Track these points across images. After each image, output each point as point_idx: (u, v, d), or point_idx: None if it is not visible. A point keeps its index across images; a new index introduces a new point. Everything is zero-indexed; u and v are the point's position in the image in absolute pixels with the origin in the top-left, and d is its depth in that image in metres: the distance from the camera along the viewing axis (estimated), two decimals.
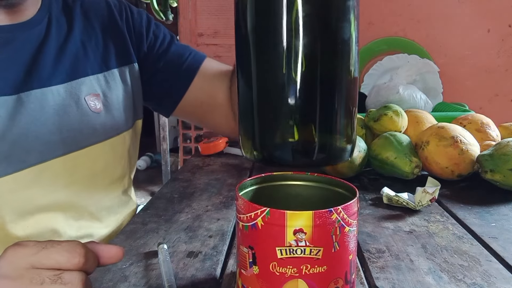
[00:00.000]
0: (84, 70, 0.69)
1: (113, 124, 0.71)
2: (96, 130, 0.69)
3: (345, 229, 0.36)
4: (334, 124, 0.37)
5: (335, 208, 0.35)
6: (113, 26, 0.75)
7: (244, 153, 0.39)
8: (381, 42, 1.71)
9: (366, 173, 0.88)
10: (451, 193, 0.77)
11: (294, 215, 0.35)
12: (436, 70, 1.55)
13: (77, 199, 0.67)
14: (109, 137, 0.71)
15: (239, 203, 0.38)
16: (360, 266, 0.52)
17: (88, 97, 0.68)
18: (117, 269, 0.51)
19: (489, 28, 1.63)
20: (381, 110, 0.92)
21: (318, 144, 0.36)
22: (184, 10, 1.74)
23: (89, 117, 0.68)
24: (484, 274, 0.49)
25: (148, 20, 0.81)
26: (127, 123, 0.75)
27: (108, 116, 0.71)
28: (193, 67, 0.79)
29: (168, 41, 0.80)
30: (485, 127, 0.89)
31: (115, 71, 0.74)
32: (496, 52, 1.64)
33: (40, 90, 0.63)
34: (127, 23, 0.77)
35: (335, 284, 0.37)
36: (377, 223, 0.64)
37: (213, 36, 1.73)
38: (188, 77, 0.79)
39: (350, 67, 0.36)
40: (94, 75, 0.70)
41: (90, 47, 0.71)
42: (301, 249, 0.35)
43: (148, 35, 0.79)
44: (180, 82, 0.79)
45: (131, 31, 0.77)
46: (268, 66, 0.36)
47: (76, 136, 0.66)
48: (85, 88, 0.68)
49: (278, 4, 0.34)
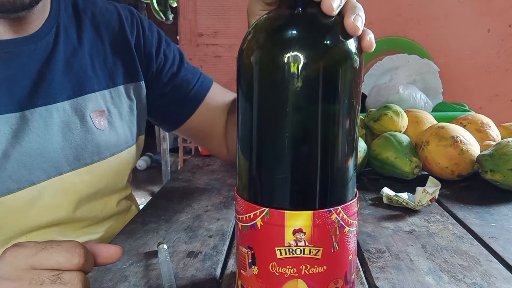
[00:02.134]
0: (91, 86, 0.67)
1: (117, 141, 0.70)
2: (100, 147, 0.67)
3: (344, 229, 0.36)
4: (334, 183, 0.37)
5: (335, 208, 0.35)
6: (122, 41, 0.73)
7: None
8: (381, 42, 1.71)
9: (366, 173, 0.88)
10: (451, 193, 0.77)
11: (294, 215, 0.35)
12: (436, 70, 1.54)
13: (79, 215, 0.66)
14: (113, 154, 0.70)
15: (238, 204, 0.38)
16: (360, 266, 0.52)
17: (93, 114, 0.67)
18: (117, 269, 0.50)
19: (489, 28, 1.63)
20: (381, 110, 0.92)
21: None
22: (184, 10, 1.74)
23: (94, 134, 0.66)
24: (484, 274, 0.49)
25: (159, 38, 0.78)
26: (131, 140, 0.74)
27: (112, 133, 0.69)
28: (199, 95, 0.79)
29: (177, 64, 0.79)
30: (485, 127, 0.89)
31: (121, 88, 0.72)
32: (496, 52, 1.64)
33: (45, 108, 0.61)
34: (137, 40, 0.75)
35: (335, 284, 0.37)
36: (377, 223, 0.64)
37: (213, 36, 1.73)
38: (193, 106, 0.79)
39: (350, 145, 0.37)
40: (101, 91, 0.69)
41: (98, 61, 0.69)
42: (300, 249, 0.35)
43: (158, 55, 0.77)
44: (185, 109, 0.79)
45: (141, 49, 0.75)
46: (267, 136, 0.36)
47: (80, 154, 0.65)
48: (90, 104, 0.67)
49: (279, 83, 0.34)
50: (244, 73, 0.37)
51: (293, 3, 0.36)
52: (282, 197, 0.36)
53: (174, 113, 0.80)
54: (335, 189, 0.36)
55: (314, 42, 0.34)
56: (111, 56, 0.71)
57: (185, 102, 0.79)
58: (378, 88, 1.42)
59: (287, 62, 0.34)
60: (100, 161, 0.67)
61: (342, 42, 0.35)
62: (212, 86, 0.82)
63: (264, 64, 0.35)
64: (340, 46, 0.35)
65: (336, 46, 0.35)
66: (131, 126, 0.74)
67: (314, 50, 0.34)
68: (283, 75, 0.34)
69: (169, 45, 0.80)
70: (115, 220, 0.73)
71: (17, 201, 0.59)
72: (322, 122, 0.35)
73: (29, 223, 0.61)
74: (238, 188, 0.39)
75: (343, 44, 0.35)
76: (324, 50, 0.35)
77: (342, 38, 0.35)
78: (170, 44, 0.80)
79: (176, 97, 0.79)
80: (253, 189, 0.37)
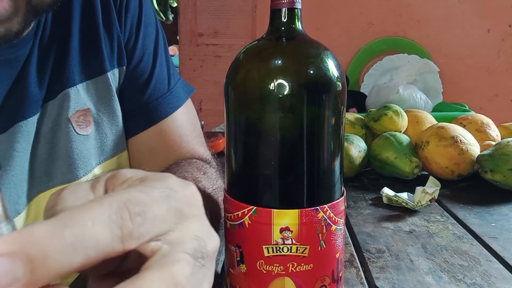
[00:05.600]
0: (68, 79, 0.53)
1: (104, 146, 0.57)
2: (84, 156, 0.53)
3: (331, 228, 0.36)
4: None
5: (322, 206, 0.36)
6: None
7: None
8: (381, 42, 1.71)
9: (366, 173, 0.88)
10: (451, 193, 0.77)
11: (281, 214, 0.35)
12: (436, 70, 1.55)
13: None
14: (103, 161, 0.57)
15: (226, 202, 0.39)
16: (360, 266, 0.52)
17: (73, 116, 0.52)
18: None
19: (489, 28, 1.63)
20: (381, 110, 0.92)
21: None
22: (184, 10, 1.74)
23: (76, 142, 0.53)
24: (484, 274, 0.49)
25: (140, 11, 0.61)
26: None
27: (99, 136, 0.56)
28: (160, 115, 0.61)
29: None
30: (485, 127, 0.89)
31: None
32: (496, 52, 1.65)
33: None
34: (119, 15, 0.58)
35: (322, 282, 0.37)
36: (377, 223, 0.64)
37: (213, 36, 1.73)
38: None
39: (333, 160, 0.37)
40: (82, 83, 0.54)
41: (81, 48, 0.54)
42: (287, 247, 0.35)
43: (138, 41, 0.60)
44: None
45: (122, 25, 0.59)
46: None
47: (62, 166, 0.52)
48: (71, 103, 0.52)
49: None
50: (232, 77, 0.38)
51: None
52: (269, 195, 0.36)
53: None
54: (321, 188, 0.37)
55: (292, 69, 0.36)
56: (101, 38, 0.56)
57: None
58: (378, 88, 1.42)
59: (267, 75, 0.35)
60: (87, 173, 0.55)
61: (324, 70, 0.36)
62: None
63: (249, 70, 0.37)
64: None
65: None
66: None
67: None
68: (269, 84, 0.35)
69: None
70: None
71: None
72: (307, 123, 0.35)
73: None
74: (227, 187, 0.39)
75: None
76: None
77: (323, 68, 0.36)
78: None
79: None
80: (241, 188, 0.38)
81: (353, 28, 1.71)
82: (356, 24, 1.71)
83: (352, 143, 0.83)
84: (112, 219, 0.18)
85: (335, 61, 0.36)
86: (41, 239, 0.17)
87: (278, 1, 0.36)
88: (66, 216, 0.18)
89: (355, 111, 1.37)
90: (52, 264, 0.17)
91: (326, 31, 1.69)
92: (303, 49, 0.37)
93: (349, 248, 0.56)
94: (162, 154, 0.61)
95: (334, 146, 0.37)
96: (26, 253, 0.16)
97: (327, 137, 0.36)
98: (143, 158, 0.61)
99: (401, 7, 1.66)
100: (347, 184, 0.82)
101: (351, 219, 0.65)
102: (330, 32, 1.69)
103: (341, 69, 0.37)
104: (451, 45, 1.64)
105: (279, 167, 0.36)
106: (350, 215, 0.67)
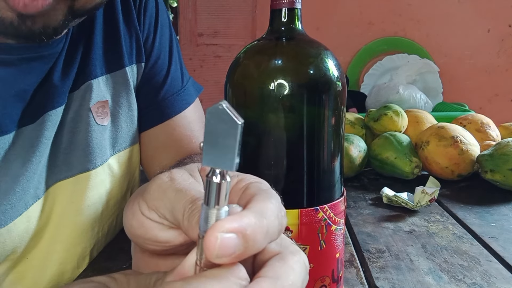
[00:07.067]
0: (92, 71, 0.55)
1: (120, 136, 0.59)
2: (103, 146, 0.56)
3: (331, 228, 0.36)
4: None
5: (322, 206, 0.36)
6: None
7: None
8: (381, 42, 1.71)
9: (366, 173, 0.88)
10: (451, 193, 0.77)
11: None
12: (436, 70, 1.55)
13: (79, 233, 0.55)
14: (119, 151, 0.59)
15: None
16: (360, 266, 0.52)
17: (94, 106, 0.55)
18: (117, 269, 0.50)
19: (489, 28, 1.63)
20: (381, 110, 0.92)
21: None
22: (184, 10, 1.74)
23: (95, 131, 0.55)
24: (484, 274, 0.49)
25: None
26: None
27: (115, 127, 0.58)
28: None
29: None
30: (485, 127, 0.89)
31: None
32: (496, 52, 1.65)
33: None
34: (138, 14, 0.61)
35: (322, 282, 0.37)
36: (377, 223, 0.64)
37: (213, 36, 1.73)
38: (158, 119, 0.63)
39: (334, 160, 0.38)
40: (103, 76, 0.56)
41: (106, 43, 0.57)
42: None
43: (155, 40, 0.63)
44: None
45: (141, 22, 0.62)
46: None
47: (81, 156, 0.54)
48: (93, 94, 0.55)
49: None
50: (235, 78, 0.38)
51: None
52: None
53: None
54: (321, 188, 0.37)
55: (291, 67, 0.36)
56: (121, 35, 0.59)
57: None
58: (378, 88, 1.42)
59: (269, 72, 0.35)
60: (102, 164, 0.57)
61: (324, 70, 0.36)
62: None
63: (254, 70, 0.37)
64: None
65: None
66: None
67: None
68: (269, 84, 0.35)
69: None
70: (118, 217, 0.73)
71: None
72: (307, 123, 0.35)
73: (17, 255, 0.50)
74: None
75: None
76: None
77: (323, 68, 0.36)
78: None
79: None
80: None
81: (353, 28, 1.71)
82: (356, 24, 1.71)
83: (352, 143, 0.83)
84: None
85: (335, 61, 0.36)
86: (253, 226, 0.21)
87: (278, 1, 0.36)
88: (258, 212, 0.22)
89: (355, 111, 1.37)
90: (255, 247, 0.21)
91: (326, 31, 1.69)
92: (303, 49, 0.37)
93: (349, 248, 0.56)
94: (174, 148, 0.63)
95: (334, 146, 0.37)
96: (246, 234, 0.20)
97: (327, 137, 0.36)
98: (156, 152, 0.64)
99: (401, 7, 1.66)
100: (347, 184, 0.82)
101: (351, 219, 0.65)
102: (330, 32, 1.70)
103: (341, 69, 0.37)
104: (451, 45, 1.64)
105: (279, 167, 0.36)
106: (350, 215, 0.67)
